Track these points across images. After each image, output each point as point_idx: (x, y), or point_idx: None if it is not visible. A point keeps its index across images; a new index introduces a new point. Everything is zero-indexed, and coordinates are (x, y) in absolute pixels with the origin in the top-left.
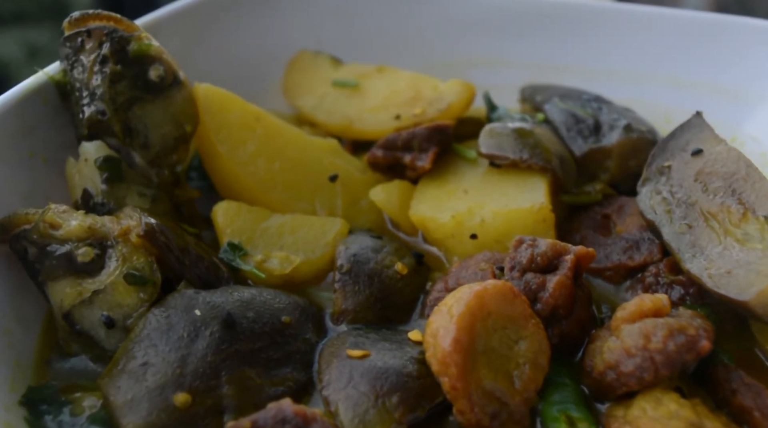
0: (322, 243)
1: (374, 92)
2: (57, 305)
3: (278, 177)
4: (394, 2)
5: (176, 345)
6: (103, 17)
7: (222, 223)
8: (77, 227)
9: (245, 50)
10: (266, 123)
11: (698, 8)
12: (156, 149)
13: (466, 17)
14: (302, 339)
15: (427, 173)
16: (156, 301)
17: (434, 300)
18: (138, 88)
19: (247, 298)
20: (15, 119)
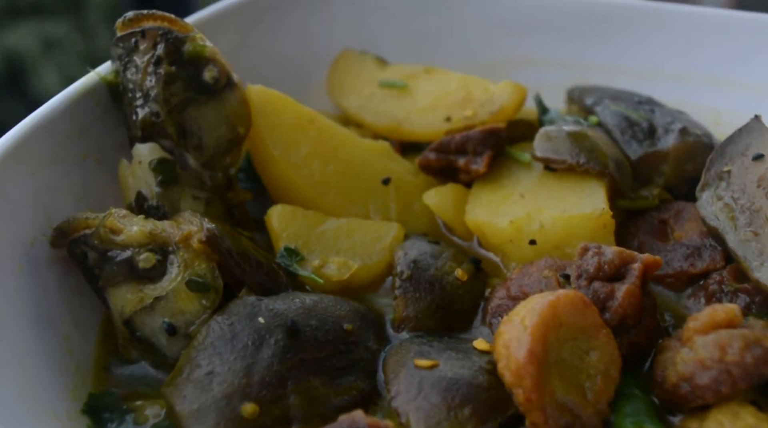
0: (379, 248)
1: (423, 93)
2: (117, 312)
3: (332, 180)
4: (437, 1)
5: (241, 353)
6: (157, 17)
7: (278, 227)
8: (138, 232)
9: (288, 49)
10: (319, 125)
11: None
12: (210, 151)
13: (510, 16)
14: (364, 346)
15: (480, 177)
16: (217, 308)
17: (495, 308)
18: (192, 89)
19: (309, 305)
20: (69, 120)
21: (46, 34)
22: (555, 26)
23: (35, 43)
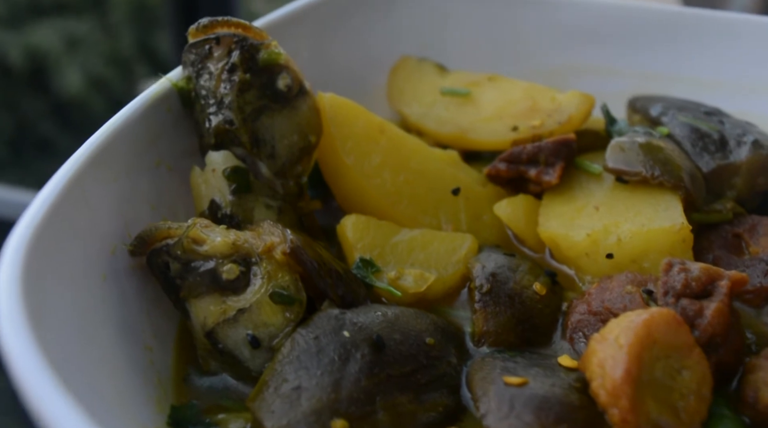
0: (454, 260)
1: (487, 102)
2: (199, 323)
3: (404, 190)
4: (498, 8)
5: (328, 368)
6: (231, 24)
7: (352, 238)
8: (222, 243)
9: (347, 55)
10: (390, 134)
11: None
12: (282, 160)
13: (572, 24)
14: (446, 361)
15: (551, 188)
16: (301, 321)
17: (576, 323)
18: (266, 97)
19: (391, 318)
20: (144, 126)
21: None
22: (619, 34)
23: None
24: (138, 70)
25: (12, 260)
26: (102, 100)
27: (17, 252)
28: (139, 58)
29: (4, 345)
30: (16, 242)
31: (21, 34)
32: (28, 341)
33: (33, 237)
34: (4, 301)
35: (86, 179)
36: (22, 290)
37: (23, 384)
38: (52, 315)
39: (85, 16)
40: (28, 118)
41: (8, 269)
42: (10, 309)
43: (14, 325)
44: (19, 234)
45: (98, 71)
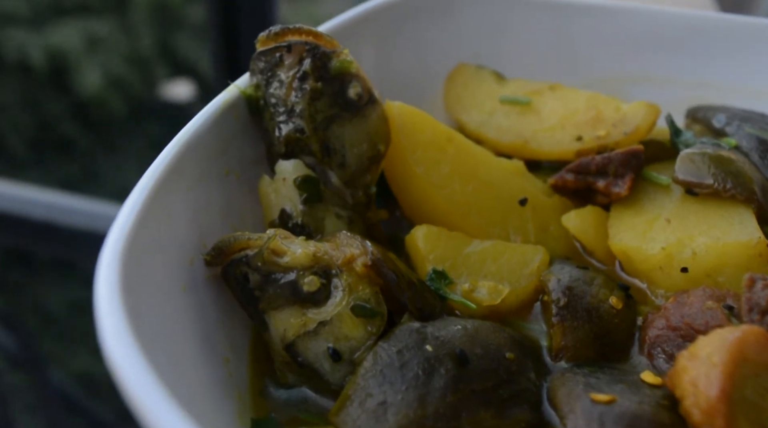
0: (527, 272)
1: (548, 111)
2: (279, 336)
3: (472, 200)
4: (555, 16)
5: (413, 383)
6: (303, 32)
7: (424, 249)
8: (303, 254)
9: (403, 63)
10: (458, 143)
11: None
12: (352, 169)
13: (627, 32)
14: (526, 376)
15: (619, 200)
16: (382, 334)
17: (655, 338)
18: (337, 106)
19: (472, 332)
20: (214, 135)
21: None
22: (677, 42)
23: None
24: (158, 70)
25: (108, 274)
26: (121, 101)
27: (113, 266)
28: (158, 59)
29: (115, 363)
30: (109, 256)
31: (42, 34)
32: (137, 359)
33: (124, 250)
34: (108, 315)
35: (165, 189)
36: (124, 304)
37: (138, 403)
38: (148, 329)
39: (106, 17)
40: (48, 117)
41: (107, 285)
42: (115, 323)
43: (121, 340)
44: (112, 247)
45: (118, 71)
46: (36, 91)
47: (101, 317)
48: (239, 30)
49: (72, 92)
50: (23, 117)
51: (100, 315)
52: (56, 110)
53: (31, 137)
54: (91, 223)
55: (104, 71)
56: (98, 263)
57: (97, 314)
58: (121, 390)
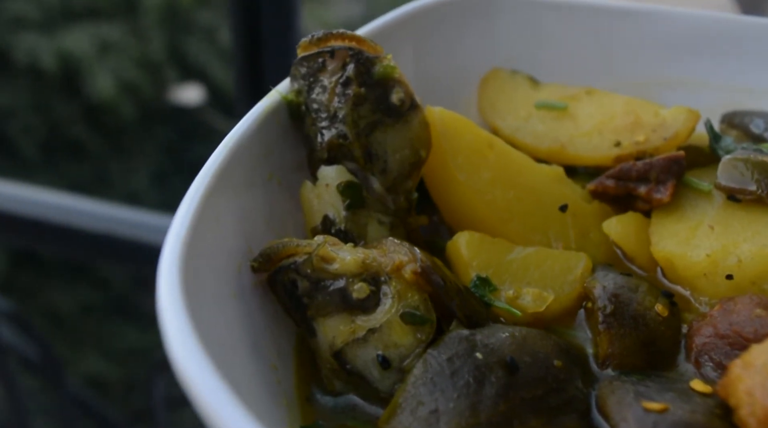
0: (570, 279)
1: (585, 116)
2: (327, 343)
3: (514, 207)
4: (589, 20)
5: (464, 391)
6: (346, 37)
7: (467, 255)
8: (352, 261)
9: (437, 67)
10: (498, 149)
11: None
12: (394, 175)
13: (661, 36)
14: (574, 384)
15: (660, 206)
16: (431, 342)
17: (702, 346)
18: (380, 111)
19: (520, 340)
20: (258, 140)
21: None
22: (705, 46)
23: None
24: (168, 74)
25: (170, 282)
26: (132, 105)
27: (173, 273)
28: (168, 63)
29: (185, 372)
30: (168, 264)
31: (54, 38)
32: (207, 367)
33: (182, 258)
34: (174, 324)
35: (214, 195)
36: (188, 313)
37: (212, 413)
38: (209, 338)
39: (117, 21)
40: (59, 121)
41: (169, 292)
42: (182, 332)
43: (189, 348)
44: (170, 255)
45: (129, 76)
46: (47, 95)
47: (168, 328)
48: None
49: (83, 96)
50: (34, 120)
51: (166, 326)
52: (67, 114)
53: (42, 141)
54: (101, 225)
55: (115, 75)
56: (159, 271)
57: (163, 324)
58: (192, 398)
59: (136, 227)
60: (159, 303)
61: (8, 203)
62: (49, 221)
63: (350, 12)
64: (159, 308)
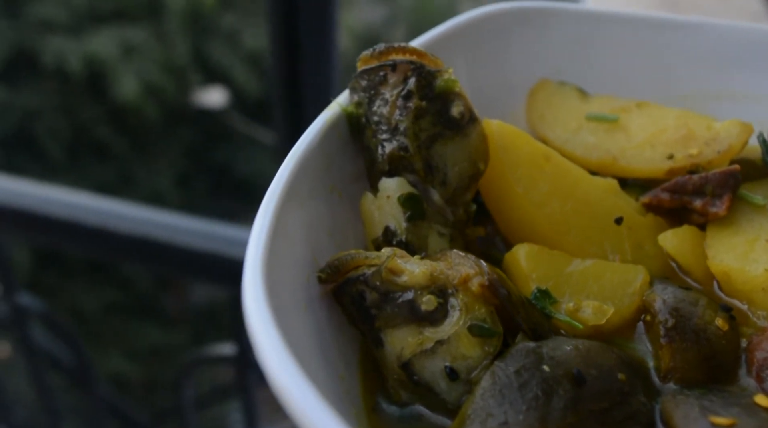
0: (629, 292)
1: (637, 129)
2: (395, 354)
3: (571, 219)
4: (638, 33)
5: (533, 403)
6: (407, 51)
7: (526, 267)
8: (421, 274)
9: (486, 78)
10: (555, 162)
11: None
12: (453, 187)
13: (710, 48)
14: (637, 398)
15: (716, 220)
16: (498, 354)
17: (763, 361)
18: (440, 124)
19: (584, 352)
20: (321, 152)
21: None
22: (753, 58)
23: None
24: (191, 77)
25: (256, 294)
26: (156, 107)
27: (257, 285)
28: (192, 66)
29: (285, 390)
30: (252, 277)
31: (80, 41)
32: (301, 379)
33: (264, 270)
34: (267, 340)
35: (285, 207)
36: (277, 325)
37: None
38: (295, 350)
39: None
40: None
41: (256, 305)
42: (274, 345)
43: (284, 364)
44: (252, 269)
45: (153, 78)
46: (73, 97)
47: (261, 342)
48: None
49: (108, 98)
50: (60, 122)
51: (259, 340)
52: (92, 116)
53: (68, 142)
54: (125, 225)
55: (139, 78)
56: (243, 285)
57: (256, 338)
58: (291, 410)
59: (159, 227)
60: (249, 317)
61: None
62: (74, 220)
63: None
64: (249, 322)
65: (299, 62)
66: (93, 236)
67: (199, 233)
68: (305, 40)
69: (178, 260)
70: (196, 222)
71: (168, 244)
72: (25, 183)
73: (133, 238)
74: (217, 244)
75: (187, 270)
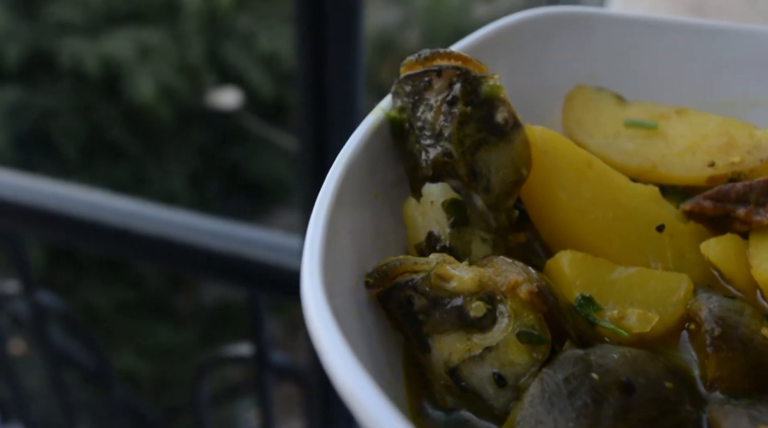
0: (673, 300)
1: (677, 135)
2: (443, 359)
3: (614, 227)
4: (677, 39)
5: (583, 411)
6: (452, 56)
7: (570, 274)
8: (470, 280)
9: (524, 83)
10: (597, 168)
11: None
12: (496, 193)
13: (754, 55)
14: (684, 407)
15: (760, 228)
16: (546, 361)
17: None
18: (485, 130)
19: (631, 361)
20: (365, 158)
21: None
22: None
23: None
24: (205, 78)
25: (317, 303)
26: (170, 108)
27: (318, 292)
28: (207, 68)
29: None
30: (311, 284)
31: (96, 42)
32: (373, 390)
33: (322, 277)
34: (333, 347)
35: (334, 213)
36: (341, 332)
37: None
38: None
39: (157, 26)
40: (100, 123)
41: (320, 315)
42: (344, 358)
43: (352, 371)
44: (309, 276)
45: (168, 80)
46: (89, 98)
47: (327, 349)
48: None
49: (123, 99)
50: (76, 122)
51: (325, 347)
52: (107, 117)
53: (83, 142)
54: (138, 224)
55: (155, 79)
56: (303, 290)
57: (321, 346)
58: (361, 416)
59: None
60: (312, 322)
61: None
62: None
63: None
64: (313, 327)
65: (325, 68)
66: (112, 235)
67: (216, 233)
68: (331, 45)
69: (196, 261)
70: (213, 222)
71: (185, 243)
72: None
73: (150, 237)
74: (235, 244)
75: (205, 270)
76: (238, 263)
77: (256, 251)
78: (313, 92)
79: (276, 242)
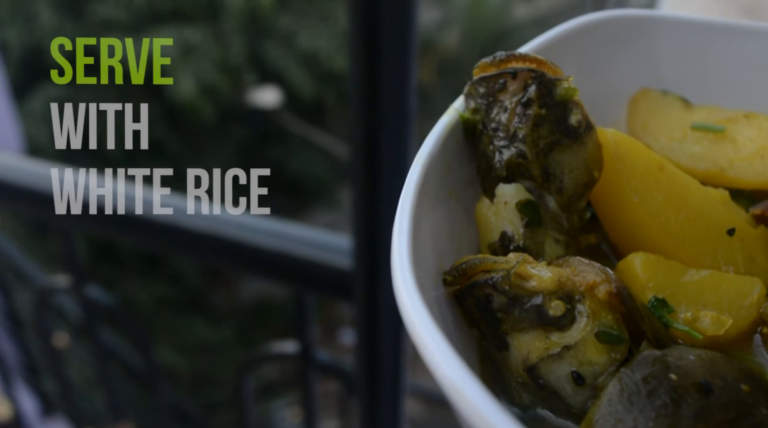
0: (746, 304)
1: (745, 139)
2: (521, 357)
3: (685, 230)
4: (746, 43)
5: (662, 411)
6: (527, 59)
7: (643, 276)
8: (550, 279)
9: (588, 86)
10: (669, 172)
11: None
12: (569, 194)
13: None
14: (761, 410)
15: None
16: (624, 362)
17: None
18: (558, 132)
19: (707, 362)
20: (441, 158)
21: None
22: None
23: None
24: (246, 77)
25: (412, 303)
26: (211, 106)
27: (411, 291)
28: (248, 66)
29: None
30: (403, 283)
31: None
32: (474, 384)
33: (412, 276)
34: (435, 345)
35: (416, 212)
36: (440, 331)
37: None
38: None
39: (200, 24)
40: None
41: (417, 312)
42: (445, 355)
43: (455, 368)
44: (402, 271)
45: (209, 78)
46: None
47: (429, 347)
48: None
49: (165, 97)
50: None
51: (427, 346)
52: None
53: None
54: (181, 219)
55: (196, 78)
56: (396, 286)
57: (419, 339)
58: (464, 410)
59: (224, 223)
60: (409, 318)
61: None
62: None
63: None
64: (410, 323)
65: (379, 70)
66: (162, 231)
67: (264, 231)
68: (385, 47)
69: (243, 257)
70: (261, 220)
71: (233, 240)
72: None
73: (196, 233)
74: (283, 242)
75: (253, 267)
76: (286, 261)
77: (303, 249)
78: (367, 93)
79: (323, 241)
